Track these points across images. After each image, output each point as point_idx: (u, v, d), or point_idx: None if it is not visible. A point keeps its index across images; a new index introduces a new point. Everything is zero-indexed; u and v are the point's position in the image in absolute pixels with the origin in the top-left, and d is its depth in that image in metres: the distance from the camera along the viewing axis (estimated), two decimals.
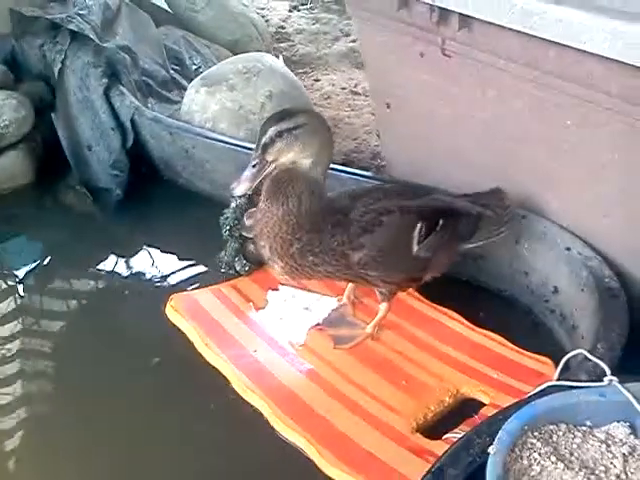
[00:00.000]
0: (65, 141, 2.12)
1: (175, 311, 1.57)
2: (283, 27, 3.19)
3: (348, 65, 2.91)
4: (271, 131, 1.28)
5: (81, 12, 2.11)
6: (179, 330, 1.55)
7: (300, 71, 2.80)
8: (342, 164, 2.00)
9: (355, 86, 2.72)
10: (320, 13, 3.30)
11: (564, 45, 1.27)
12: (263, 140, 1.29)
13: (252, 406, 1.37)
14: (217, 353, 1.46)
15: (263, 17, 3.13)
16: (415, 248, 1.41)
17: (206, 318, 1.55)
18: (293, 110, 1.39)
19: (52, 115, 2.15)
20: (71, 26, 2.09)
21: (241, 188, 1.30)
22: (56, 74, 2.14)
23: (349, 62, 2.93)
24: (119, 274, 1.86)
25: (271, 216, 1.34)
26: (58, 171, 2.18)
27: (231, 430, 1.36)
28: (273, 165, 1.31)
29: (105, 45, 2.10)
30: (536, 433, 0.99)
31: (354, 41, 3.04)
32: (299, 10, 3.35)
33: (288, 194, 1.32)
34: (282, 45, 3.04)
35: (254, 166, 1.30)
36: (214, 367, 1.45)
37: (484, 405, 1.34)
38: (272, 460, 1.30)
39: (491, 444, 0.96)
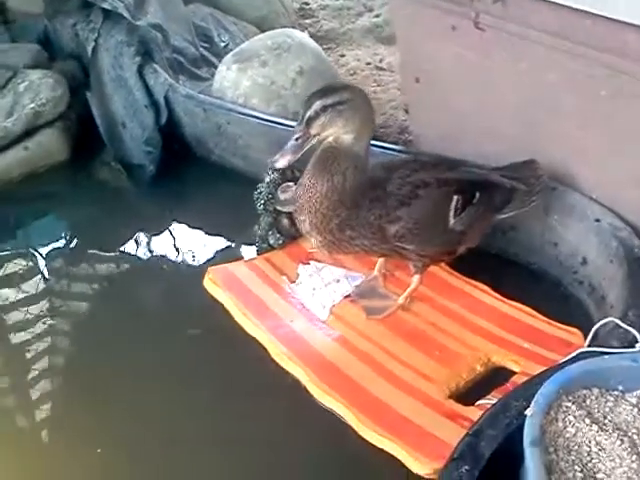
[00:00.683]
0: (99, 119, 2.16)
1: (213, 283, 1.62)
2: (307, 3, 3.19)
3: (372, 40, 2.91)
4: (316, 105, 1.30)
5: None
6: (217, 302, 1.59)
7: (325, 47, 2.79)
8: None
9: (380, 61, 2.71)
10: None
11: (599, 15, 1.28)
12: (308, 114, 1.31)
13: (290, 375, 1.41)
14: (255, 324, 1.50)
15: None
16: (452, 221, 1.43)
17: (243, 290, 1.59)
18: (337, 85, 1.41)
19: (87, 94, 2.18)
20: (105, 5, 2.11)
21: (283, 161, 1.33)
22: (89, 53, 2.17)
23: (373, 37, 2.92)
24: (154, 250, 1.90)
25: (314, 192, 1.37)
26: (93, 148, 2.23)
27: (271, 398, 1.40)
28: (316, 139, 1.33)
29: (138, 23, 2.12)
30: (570, 397, 1.03)
31: (378, 16, 3.03)
32: None
33: (333, 172, 1.35)
34: (306, 21, 3.03)
35: (297, 139, 1.32)
36: (253, 337, 1.49)
37: (514, 374, 1.37)
38: (311, 426, 1.34)
39: (527, 407, 0.99)
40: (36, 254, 1.91)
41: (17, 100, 2.12)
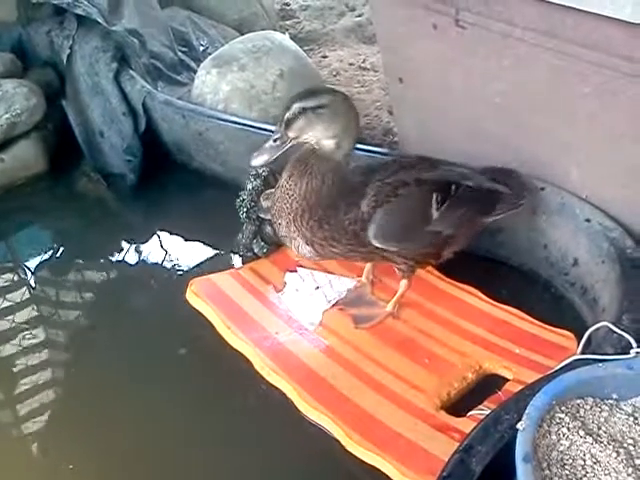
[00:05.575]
0: (77, 128, 2.11)
1: (196, 296, 1.57)
2: (288, 4, 3.15)
3: (355, 40, 2.88)
4: (295, 107, 1.29)
5: None
6: (201, 315, 1.54)
7: (306, 48, 2.76)
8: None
9: (363, 61, 2.68)
10: None
11: (583, 11, 1.25)
12: (286, 115, 1.29)
13: (277, 388, 1.37)
14: (240, 337, 1.46)
15: None
16: (435, 215, 1.39)
17: (227, 302, 1.55)
18: (319, 89, 1.40)
19: (63, 102, 2.13)
20: (78, 10, 2.06)
21: (260, 160, 1.32)
22: (64, 60, 2.12)
23: (356, 37, 2.89)
24: (137, 260, 1.86)
25: (292, 194, 1.34)
26: (72, 158, 2.18)
27: (257, 413, 1.37)
28: (295, 142, 1.31)
29: (113, 29, 2.07)
30: (563, 407, 0.99)
31: (360, 16, 3.00)
32: None
33: (313, 173, 1.33)
34: (287, 22, 3.00)
35: (275, 140, 1.31)
36: (238, 351, 1.45)
37: (507, 381, 1.34)
38: (298, 441, 1.31)
39: (519, 420, 0.95)
40: (18, 266, 1.86)
41: None
